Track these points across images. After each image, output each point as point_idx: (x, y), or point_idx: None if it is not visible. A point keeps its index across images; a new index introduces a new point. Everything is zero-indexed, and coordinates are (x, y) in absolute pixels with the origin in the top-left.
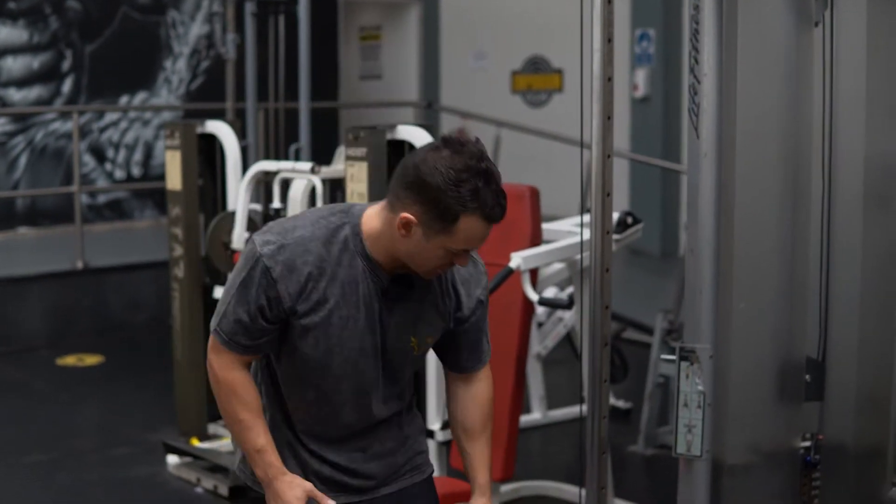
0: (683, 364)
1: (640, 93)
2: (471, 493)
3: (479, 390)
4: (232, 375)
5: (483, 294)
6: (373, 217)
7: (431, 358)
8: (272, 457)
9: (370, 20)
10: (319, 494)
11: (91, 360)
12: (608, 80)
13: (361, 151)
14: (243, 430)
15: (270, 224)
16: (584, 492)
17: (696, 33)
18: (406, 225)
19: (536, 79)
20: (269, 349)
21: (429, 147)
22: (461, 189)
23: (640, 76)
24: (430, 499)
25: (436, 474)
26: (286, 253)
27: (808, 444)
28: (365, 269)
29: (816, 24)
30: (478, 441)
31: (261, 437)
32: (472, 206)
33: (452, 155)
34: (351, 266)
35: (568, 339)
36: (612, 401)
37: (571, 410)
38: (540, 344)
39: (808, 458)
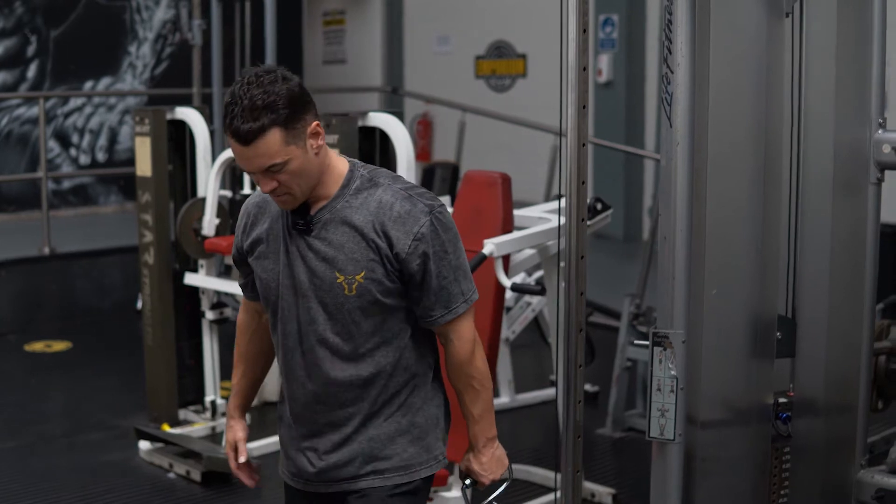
0: (657, 349)
1: (603, 78)
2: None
3: (453, 350)
4: (239, 317)
5: (426, 232)
6: None
7: None
8: (233, 399)
9: (334, 5)
10: (241, 449)
11: (59, 345)
12: (583, 69)
13: (333, 138)
14: (233, 368)
15: None
16: (559, 476)
17: (669, 24)
18: None
19: (500, 64)
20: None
21: None
22: (224, 111)
23: (604, 61)
24: None
25: None
26: (249, 198)
27: (781, 399)
28: None
29: (787, 15)
30: (463, 399)
31: (235, 378)
32: (225, 125)
33: None
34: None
35: (535, 324)
36: None
37: (539, 394)
38: (508, 329)
39: (781, 415)
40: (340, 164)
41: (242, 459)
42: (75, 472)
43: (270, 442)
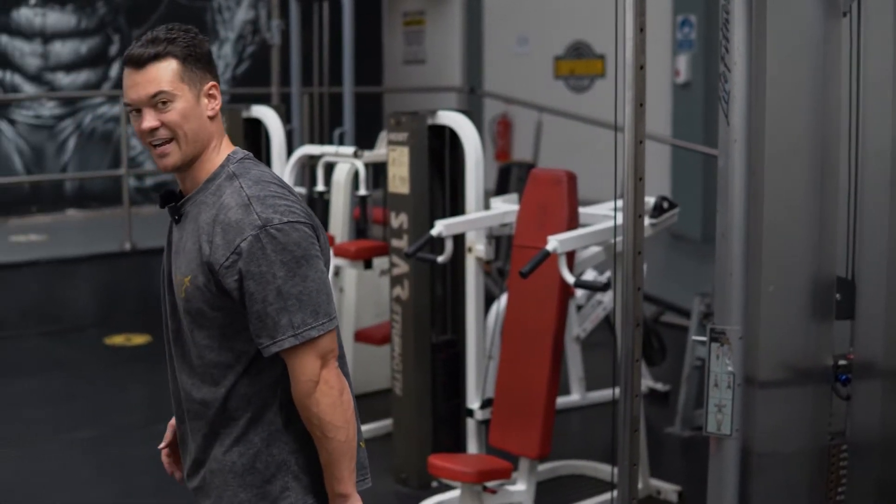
0: (714, 345)
1: (681, 78)
2: None
3: (292, 387)
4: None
5: (245, 248)
6: None
7: (471, 332)
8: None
9: (414, 5)
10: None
11: (138, 339)
12: (640, 68)
13: (403, 136)
14: None
15: None
16: (616, 469)
17: (726, 23)
18: None
19: (579, 64)
20: None
21: None
22: None
23: (682, 62)
24: None
25: (474, 452)
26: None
27: (841, 362)
28: None
29: (844, 14)
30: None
31: None
32: (123, 57)
33: None
34: None
35: (607, 322)
36: (651, 383)
37: (609, 393)
38: (579, 326)
39: (840, 377)
40: (223, 153)
41: None
42: (149, 462)
43: (369, 428)
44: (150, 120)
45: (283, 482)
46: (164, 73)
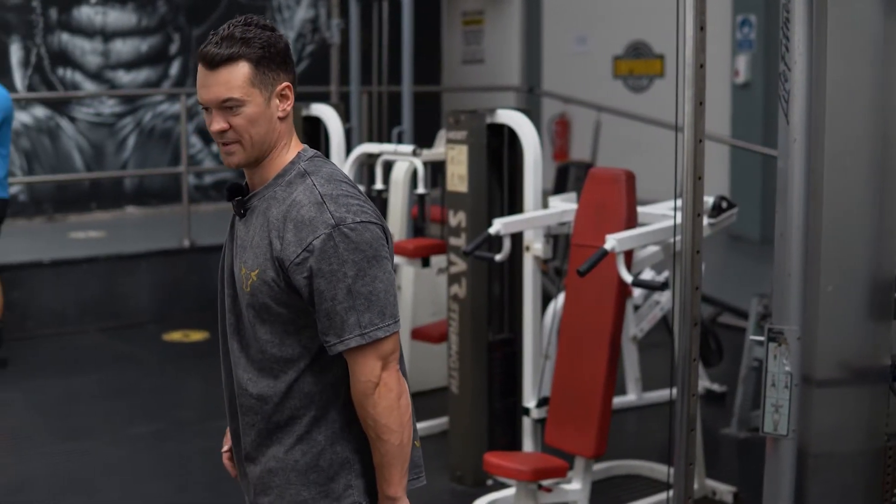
0: (771, 345)
1: (740, 78)
2: None
3: (351, 386)
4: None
5: (318, 245)
6: None
7: (528, 331)
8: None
9: (473, 5)
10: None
11: (196, 335)
12: (700, 66)
13: (462, 135)
14: None
15: None
16: (671, 469)
17: (786, 22)
18: None
19: (638, 64)
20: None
21: None
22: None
23: (742, 62)
24: None
25: (529, 450)
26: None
27: None
28: None
29: None
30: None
31: None
32: (198, 51)
33: None
34: None
35: (664, 323)
36: (708, 384)
37: (666, 393)
38: (636, 326)
39: None
40: (293, 151)
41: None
42: (205, 457)
43: (424, 426)
44: (218, 122)
45: (347, 480)
46: (236, 77)
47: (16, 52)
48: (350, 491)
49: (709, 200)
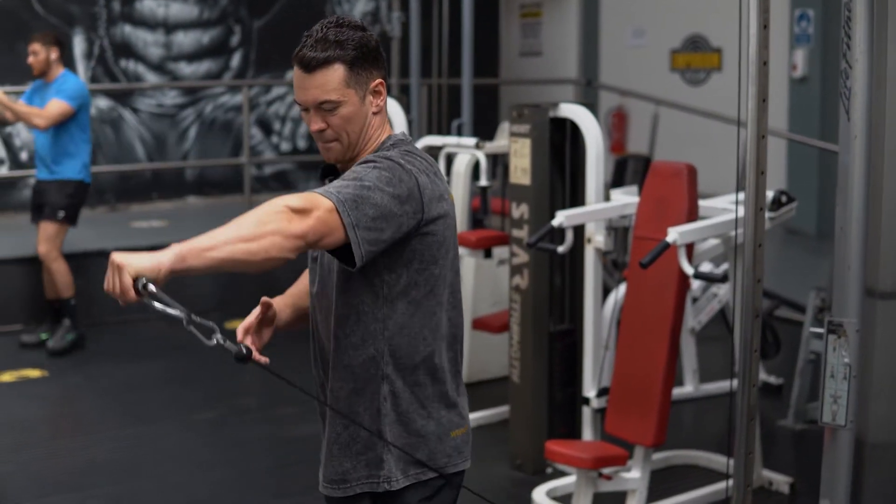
0: (831, 337)
1: (798, 73)
2: None
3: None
4: None
5: (369, 157)
6: None
7: (588, 322)
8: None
9: None
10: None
11: None
12: (763, 63)
13: (525, 128)
14: None
15: None
16: (731, 459)
17: (848, 19)
18: None
19: (695, 57)
20: None
21: None
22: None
23: (799, 56)
24: None
25: (589, 439)
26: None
27: None
28: None
29: None
30: None
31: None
32: (294, 54)
33: None
34: None
35: (722, 315)
36: (765, 376)
37: (723, 384)
38: (694, 319)
39: None
40: (385, 135)
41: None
42: (267, 443)
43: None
44: (317, 122)
45: (379, 453)
46: (332, 80)
47: (79, 44)
48: (383, 463)
49: (769, 194)
